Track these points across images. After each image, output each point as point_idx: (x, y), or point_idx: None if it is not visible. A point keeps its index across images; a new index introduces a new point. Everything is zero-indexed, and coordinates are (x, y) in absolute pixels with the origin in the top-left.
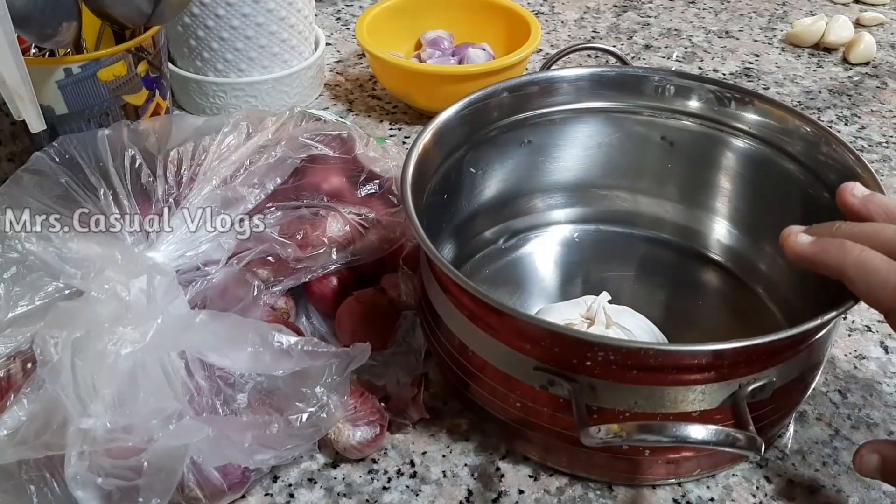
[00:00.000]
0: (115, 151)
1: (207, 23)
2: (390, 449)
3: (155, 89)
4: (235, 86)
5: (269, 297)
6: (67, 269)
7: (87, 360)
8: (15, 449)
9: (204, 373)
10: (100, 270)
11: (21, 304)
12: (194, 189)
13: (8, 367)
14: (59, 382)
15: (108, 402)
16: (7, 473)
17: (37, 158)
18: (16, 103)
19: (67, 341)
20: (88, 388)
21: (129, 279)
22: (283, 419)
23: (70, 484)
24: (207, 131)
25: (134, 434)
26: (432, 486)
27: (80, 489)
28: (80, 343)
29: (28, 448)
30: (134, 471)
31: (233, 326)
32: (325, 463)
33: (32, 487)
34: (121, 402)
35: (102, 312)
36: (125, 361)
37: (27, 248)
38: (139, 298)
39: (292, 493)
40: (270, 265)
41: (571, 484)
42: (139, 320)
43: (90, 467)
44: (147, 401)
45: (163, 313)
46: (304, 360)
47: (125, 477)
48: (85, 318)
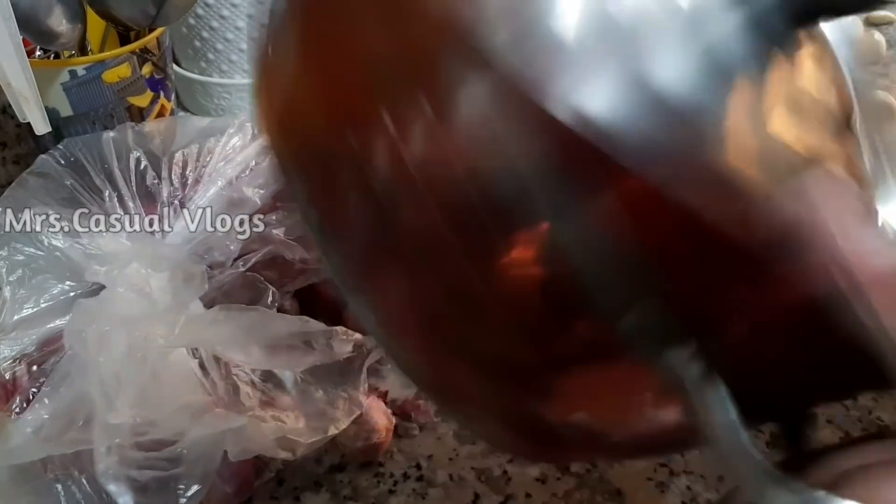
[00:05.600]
0: (120, 154)
1: (212, 24)
2: (396, 452)
3: (160, 91)
4: (240, 87)
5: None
6: (93, 265)
7: (113, 356)
8: (42, 446)
9: (221, 370)
10: (124, 266)
11: (26, 306)
12: (199, 190)
13: (14, 369)
14: (86, 378)
15: (134, 397)
16: (32, 474)
17: (42, 161)
18: (21, 105)
19: (93, 337)
20: (114, 384)
21: (155, 274)
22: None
23: (102, 478)
24: (212, 133)
25: (163, 427)
26: (439, 489)
27: (112, 483)
28: (106, 338)
29: (54, 445)
30: (170, 461)
31: (259, 320)
32: (331, 466)
33: (59, 486)
34: (147, 396)
35: (127, 308)
36: (151, 356)
37: (53, 244)
38: (164, 293)
39: (298, 497)
40: (277, 267)
41: (580, 488)
42: (163, 316)
43: (120, 461)
44: (174, 395)
45: (188, 308)
46: (326, 353)
47: (161, 468)
48: (110, 313)
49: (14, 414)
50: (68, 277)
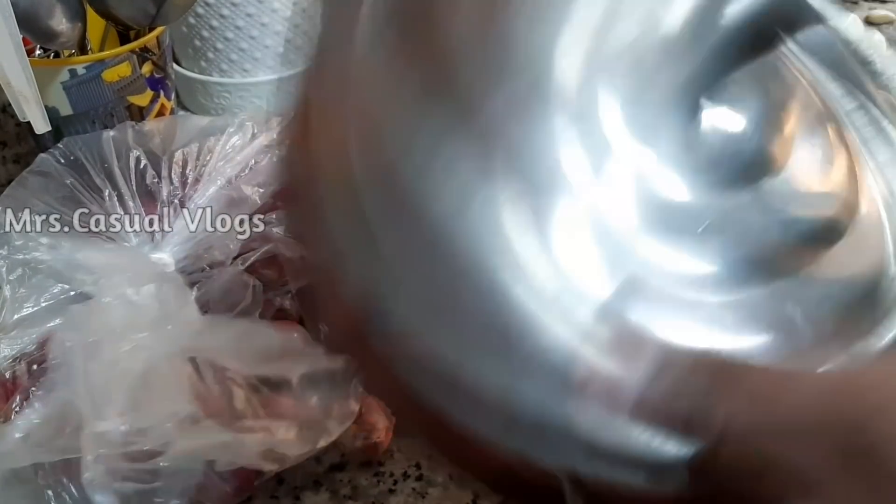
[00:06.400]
0: (119, 153)
1: (212, 23)
2: (396, 452)
3: (160, 90)
4: (240, 86)
5: (276, 298)
6: (78, 275)
7: (99, 365)
8: (31, 451)
9: (214, 377)
10: (109, 276)
11: (26, 305)
12: (199, 190)
13: (13, 368)
14: (73, 386)
15: (121, 406)
16: (23, 479)
17: (42, 160)
18: (21, 104)
19: (80, 346)
20: (101, 393)
21: (140, 285)
22: (295, 423)
23: (87, 488)
24: (212, 132)
25: (149, 437)
26: (438, 489)
27: (97, 493)
28: (93, 348)
29: (44, 451)
30: (152, 474)
31: (247, 330)
32: (331, 465)
33: (50, 492)
34: (135, 406)
35: (114, 318)
36: (137, 366)
37: (36, 256)
38: (150, 303)
39: (298, 496)
40: (276, 265)
41: None
42: (150, 325)
43: (107, 471)
44: (161, 404)
45: (173, 318)
46: (319, 360)
47: (143, 480)
48: (97, 323)
49: (14, 413)
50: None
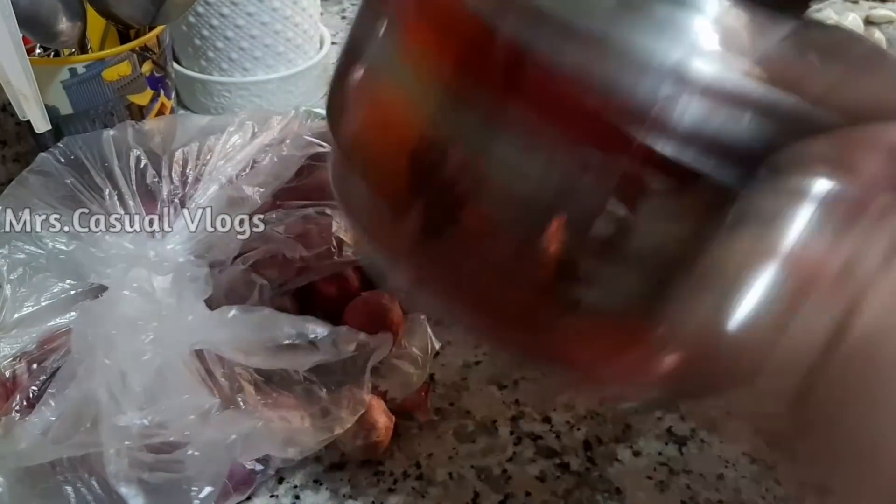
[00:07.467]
0: (120, 152)
1: (212, 22)
2: (396, 451)
3: (160, 89)
4: (240, 85)
5: (276, 298)
6: (97, 267)
7: (118, 358)
8: (52, 448)
9: (224, 370)
10: (128, 268)
11: (27, 304)
12: (199, 189)
13: (14, 367)
14: (93, 380)
15: (141, 399)
16: (41, 475)
17: (42, 159)
18: (21, 103)
19: (99, 339)
20: (121, 386)
21: (158, 276)
22: (308, 414)
23: (113, 481)
24: (212, 131)
25: (171, 429)
26: (438, 487)
27: (123, 485)
28: (112, 341)
29: (63, 447)
30: (180, 463)
31: (264, 320)
32: (331, 464)
33: (69, 488)
34: (154, 399)
35: (132, 310)
36: (156, 359)
37: (56, 246)
38: (169, 295)
39: (298, 495)
40: (277, 265)
41: (579, 486)
42: (170, 317)
43: (131, 463)
44: (181, 397)
45: (193, 309)
46: (329, 352)
47: (172, 470)
48: (115, 315)
49: (14, 412)
50: (69, 276)
